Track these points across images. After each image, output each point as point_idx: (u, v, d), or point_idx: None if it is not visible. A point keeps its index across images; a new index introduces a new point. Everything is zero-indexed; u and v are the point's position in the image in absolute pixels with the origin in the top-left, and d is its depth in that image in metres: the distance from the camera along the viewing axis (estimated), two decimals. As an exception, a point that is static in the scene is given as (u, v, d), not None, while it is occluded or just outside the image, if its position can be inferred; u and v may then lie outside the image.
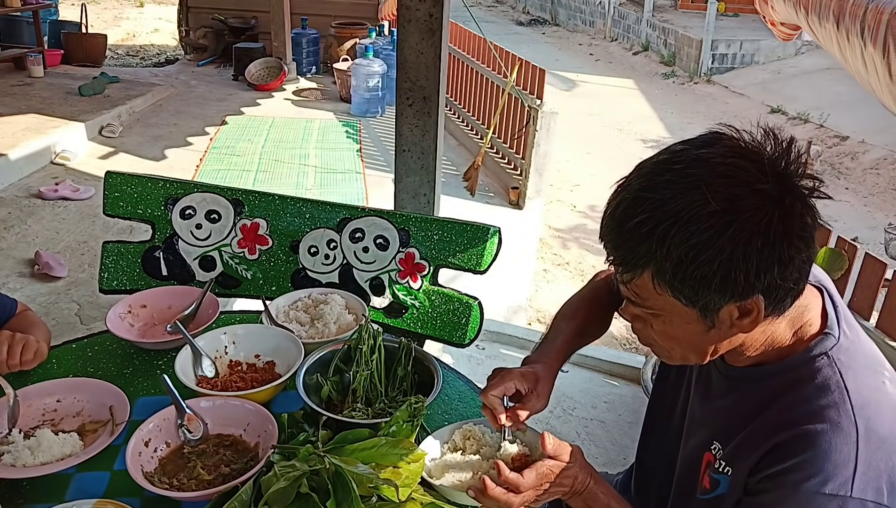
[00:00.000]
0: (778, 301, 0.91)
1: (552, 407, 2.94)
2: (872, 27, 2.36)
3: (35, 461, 1.23)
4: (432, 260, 1.89)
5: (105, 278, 1.94)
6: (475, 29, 6.02)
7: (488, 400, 1.17)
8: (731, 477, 0.99)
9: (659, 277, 0.90)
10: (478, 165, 5.53)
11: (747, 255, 0.85)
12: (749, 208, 0.85)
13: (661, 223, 0.86)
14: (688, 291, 0.90)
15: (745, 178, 0.86)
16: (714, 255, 0.85)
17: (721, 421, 1.05)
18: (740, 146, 0.90)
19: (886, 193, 6.37)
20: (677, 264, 0.87)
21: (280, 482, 1.07)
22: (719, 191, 0.85)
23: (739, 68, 10.52)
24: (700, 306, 0.91)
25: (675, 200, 0.86)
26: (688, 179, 0.87)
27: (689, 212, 0.85)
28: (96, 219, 4.35)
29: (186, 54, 9.12)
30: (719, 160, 0.87)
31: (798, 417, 0.92)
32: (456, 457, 1.25)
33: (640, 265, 0.91)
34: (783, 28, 3.54)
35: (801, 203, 0.87)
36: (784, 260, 0.87)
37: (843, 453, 0.88)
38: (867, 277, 2.56)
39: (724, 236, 0.84)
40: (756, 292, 0.89)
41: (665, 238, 0.86)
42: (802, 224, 0.87)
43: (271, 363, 1.51)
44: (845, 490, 0.87)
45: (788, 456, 0.90)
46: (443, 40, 2.26)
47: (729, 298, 0.89)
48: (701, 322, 0.94)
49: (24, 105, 5.99)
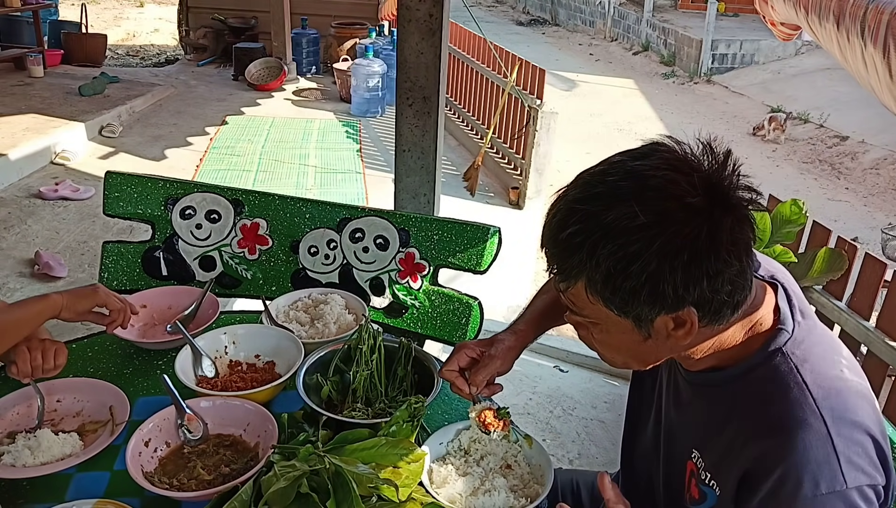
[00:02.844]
0: (713, 313, 0.92)
1: (552, 407, 2.94)
2: (872, 27, 2.36)
3: (35, 461, 1.23)
4: (432, 260, 1.89)
5: (105, 278, 1.94)
6: (475, 29, 6.02)
7: (445, 376, 1.27)
8: (718, 494, 0.99)
9: (591, 288, 0.91)
10: (478, 165, 5.53)
11: (674, 268, 0.86)
12: (676, 222, 0.85)
13: (592, 235, 0.87)
14: (619, 302, 0.90)
15: (675, 191, 0.86)
16: (641, 268, 0.86)
17: (695, 429, 1.05)
18: (675, 158, 0.90)
19: (886, 193, 6.36)
20: (607, 276, 0.88)
21: (280, 482, 1.07)
22: (648, 204, 0.86)
23: (739, 68, 10.52)
24: (633, 316, 0.92)
25: (606, 212, 0.87)
26: (619, 191, 0.88)
27: (618, 225, 0.86)
28: (96, 219, 4.35)
29: (186, 54, 9.12)
30: (652, 173, 0.88)
31: (766, 424, 0.92)
32: (460, 463, 1.25)
33: (573, 276, 0.92)
34: (783, 28, 3.54)
35: (732, 217, 0.88)
36: (712, 274, 0.87)
37: (821, 450, 0.88)
38: (867, 277, 2.55)
39: (650, 250, 0.85)
40: (687, 304, 0.89)
41: (595, 250, 0.87)
42: (733, 238, 0.87)
43: (271, 363, 1.51)
44: (840, 484, 0.87)
45: (772, 468, 0.90)
46: (443, 40, 2.26)
47: (659, 310, 0.90)
48: (637, 332, 0.95)
49: (24, 105, 5.99)
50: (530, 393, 3.02)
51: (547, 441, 2.74)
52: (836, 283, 2.71)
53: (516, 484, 1.23)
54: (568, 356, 3.29)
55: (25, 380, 1.36)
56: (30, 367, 1.36)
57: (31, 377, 1.36)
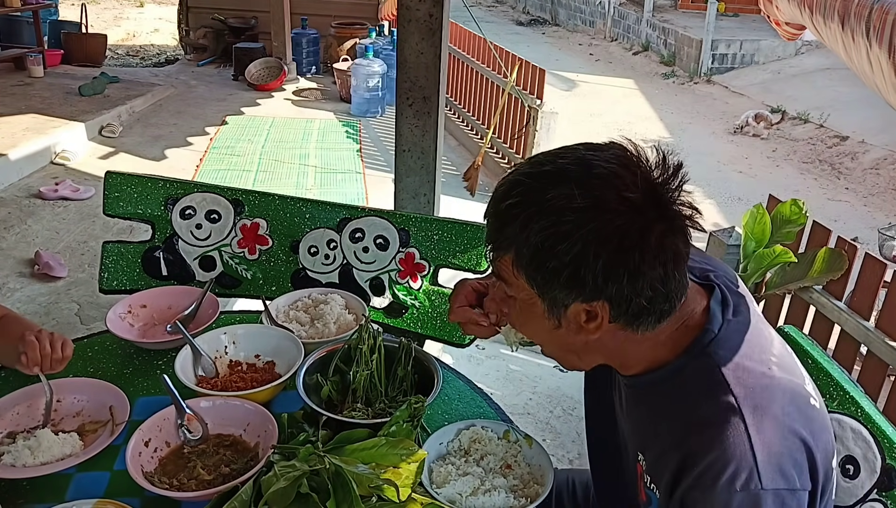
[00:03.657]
0: (631, 316, 0.92)
1: (552, 407, 2.94)
2: (878, 27, 2.36)
3: (35, 461, 1.23)
4: (432, 260, 1.89)
5: (105, 278, 1.94)
6: (475, 29, 6.03)
7: (458, 316, 1.20)
8: (658, 497, 0.99)
9: (518, 261, 0.93)
10: (478, 165, 5.53)
11: (597, 255, 0.87)
12: (610, 212, 0.87)
13: (528, 209, 0.90)
14: (540, 279, 0.92)
15: (617, 183, 0.88)
16: (568, 248, 0.87)
17: (637, 433, 1.05)
18: (626, 157, 0.92)
19: (886, 193, 6.36)
20: (534, 251, 0.90)
21: (280, 482, 1.07)
22: (588, 190, 0.88)
23: (739, 68, 10.51)
24: (549, 299, 0.93)
25: (547, 190, 0.89)
26: (565, 173, 0.90)
27: (555, 203, 0.88)
28: (96, 219, 4.35)
29: (186, 54, 9.12)
30: (599, 163, 0.90)
31: (690, 424, 0.92)
32: (460, 463, 1.25)
33: (503, 247, 0.94)
34: (788, 28, 3.54)
35: (665, 224, 0.89)
36: (634, 271, 0.88)
37: (739, 447, 0.87)
38: (867, 277, 2.55)
39: (579, 232, 0.87)
40: (602, 296, 0.90)
41: (528, 224, 0.89)
42: (662, 243, 0.88)
43: (271, 363, 1.51)
44: (754, 483, 0.86)
45: (693, 466, 0.89)
46: (443, 40, 2.26)
47: (576, 296, 0.91)
48: (548, 319, 0.96)
49: (24, 105, 5.99)
50: (530, 393, 3.02)
51: (547, 441, 2.73)
52: (836, 283, 2.71)
53: (516, 484, 1.23)
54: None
55: (35, 369, 1.35)
56: (39, 355, 1.35)
57: (41, 368, 1.35)
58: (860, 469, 1.18)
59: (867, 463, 1.18)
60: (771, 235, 2.88)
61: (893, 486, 1.15)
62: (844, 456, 1.20)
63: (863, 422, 1.19)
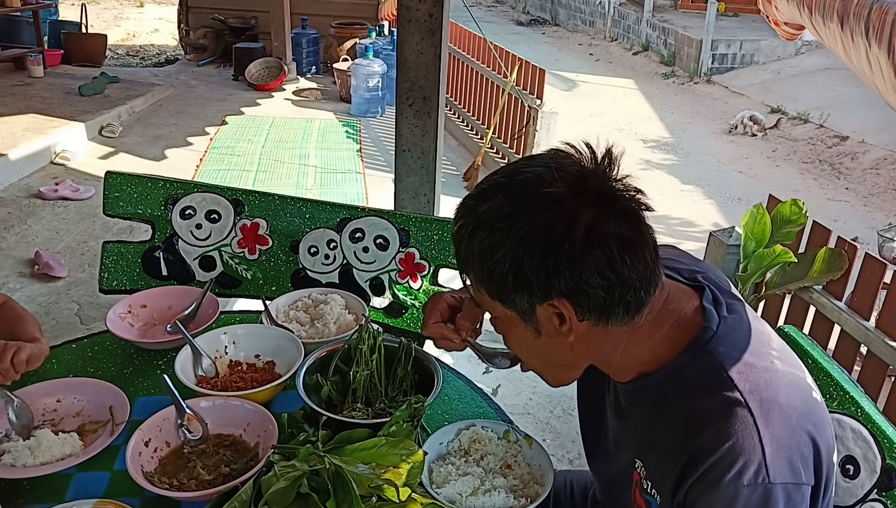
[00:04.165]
0: (595, 310, 0.92)
1: (552, 407, 2.94)
2: (877, 27, 2.36)
3: (35, 461, 1.23)
4: (432, 260, 1.89)
5: (105, 278, 1.94)
6: (475, 29, 6.03)
7: (431, 331, 1.24)
8: (659, 502, 0.98)
9: (476, 279, 0.97)
10: (478, 165, 5.53)
11: (529, 252, 0.89)
12: (534, 210, 0.90)
13: (468, 226, 0.94)
14: (494, 289, 0.95)
15: (539, 183, 0.91)
16: (504, 254, 0.90)
17: (635, 438, 1.05)
18: (553, 158, 0.94)
19: (886, 193, 6.35)
20: (481, 263, 0.93)
21: (280, 482, 1.07)
22: (513, 196, 0.92)
23: (739, 68, 10.50)
24: (513, 306, 0.95)
25: (480, 205, 0.93)
26: (494, 187, 0.94)
27: (488, 215, 0.92)
28: (96, 219, 4.35)
29: (186, 54, 9.12)
30: (526, 169, 0.94)
31: (695, 423, 0.91)
32: (460, 463, 1.25)
33: (463, 267, 0.99)
34: (787, 28, 3.54)
35: (596, 211, 0.89)
36: (571, 262, 0.88)
37: (748, 440, 0.87)
38: (867, 277, 2.55)
39: (510, 236, 0.90)
40: (555, 293, 0.91)
41: (472, 240, 0.93)
42: (591, 229, 0.88)
43: (271, 363, 1.51)
44: (762, 477, 0.86)
45: (702, 461, 0.89)
46: (443, 40, 2.26)
47: (529, 297, 0.93)
48: (525, 328, 0.97)
49: (24, 105, 5.99)
50: (530, 393, 3.02)
51: (547, 441, 2.73)
52: (836, 283, 2.71)
53: (516, 484, 1.23)
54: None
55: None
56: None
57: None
58: (860, 469, 1.18)
59: (867, 463, 1.18)
60: (771, 235, 2.88)
61: (893, 486, 1.15)
62: (844, 456, 1.20)
63: (863, 422, 1.19)
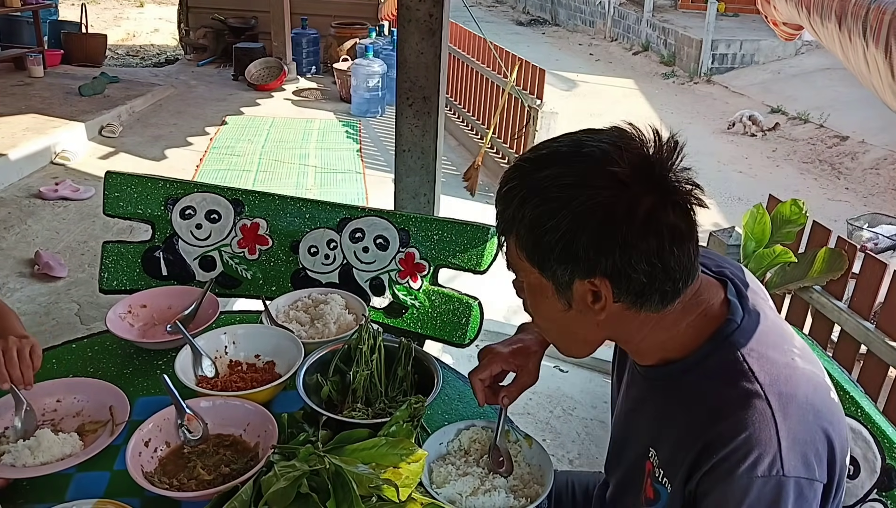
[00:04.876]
0: (633, 294, 0.93)
1: (552, 407, 2.95)
2: (875, 27, 2.36)
3: (35, 461, 1.23)
4: (432, 260, 1.89)
5: (105, 278, 1.94)
6: (475, 29, 6.03)
7: (474, 383, 1.26)
8: (669, 491, 0.98)
9: (518, 243, 0.96)
10: (478, 165, 5.54)
11: (584, 227, 0.89)
12: (596, 187, 0.89)
13: (523, 190, 0.93)
14: (537, 257, 0.94)
15: (605, 160, 0.90)
16: (557, 224, 0.90)
17: (650, 426, 1.05)
18: (620, 136, 0.93)
19: (886, 193, 6.36)
20: (529, 229, 0.93)
21: (280, 482, 1.07)
22: (576, 168, 0.91)
23: (739, 68, 10.51)
24: (551, 277, 0.95)
25: (540, 171, 0.92)
26: (556, 155, 0.94)
27: (546, 182, 0.91)
28: (96, 219, 4.35)
29: (186, 54, 9.12)
30: (591, 144, 0.92)
31: (713, 412, 0.92)
32: (460, 463, 1.25)
33: (506, 230, 0.97)
34: (785, 28, 3.54)
35: (655, 198, 0.89)
36: (623, 243, 0.89)
37: (764, 431, 0.87)
38: (867, 277, 2.55)
39: (567, 207, 0.89)
40: (599, 272, 0.91)
41: (523, 204, 0.93)
42: (653, 216, 0.89)
43: (271, 363, 1.51)
44: (776, 469, 0.86)
45: (717, 450, 0.89)
46: (443, 40, 2.26)
47: (572, 271, 0.92)
48: (558, 299, 0.97)
49: (24, 105, 5.99)
50: (530, 393, 3.02)
51: (547, 441, 2.74)
52: (836, 283, 2.71)
53: (516, 484, 1.23)
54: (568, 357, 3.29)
55: (4, 385, 1.29)
56: (6, 371, 1.29)
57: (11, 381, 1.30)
58: (860, 469, 1.18)
59: (867, 463, 1.18)
60: (771, 235, 2.88)
61: (893, 486, 1.15)
62: (844, 456, 1.20)
63: (863, 422, 1.20)
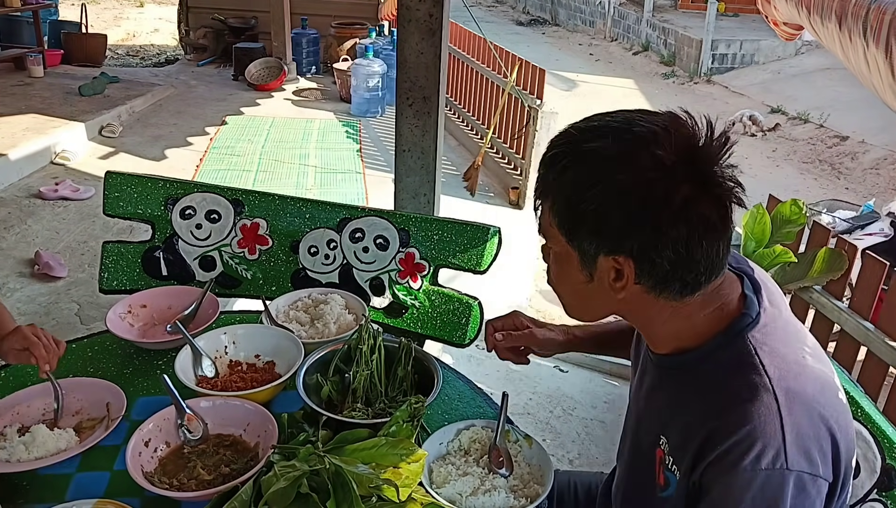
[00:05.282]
0: (654, 278, 0.93)
1: (552, 407, 2.94)
2: (875, 28, 2.36)
3: (29, 455, 1.23)
4: (432, 260, 1.89)
5: (105, 278, 1.94)
6: (475, 29, 6.02)
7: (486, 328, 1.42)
8: (678, 478, 0.99)
9: (553, 208, 0.97)
10: (478, 165, 5.53)
11: (620, 204, 0.90)
12: (639, 167, 0.89)
13: (566, 157, 0.94)
14: (568, 225, 0.95)
15: (653, 142, 0.90)
16: (594, 196, 0.91)
17: (662, 414, 1.05)
18: (672, 121, 0.94)
19: (886, 193, 6.35)
20: (566, 197, 0.94)
21: (280, 482, 1.07)
22: (623, 145, 0.91)
23: (739, 68, 10.51)
24: (578, 247, 0.96)
25: (587, 142, 0.93)
26: (606, 129, 0.94)
27: (590, 154, 0.92)
28: (96, 219, 4.35)
29: (186, 54, 9.12)
30: (643, 124, 0.93)
31: (721, 402, 0.93)
32: (460, 463, 1.25)
33: (544, 193, 0.99)
34: (786, 28, 3.55)
35: (694, 189, 0.89)
36: (657, 228, 0.89)
37: (770, 425, 0.88)
38: (867, 277, 2.55)
39: (606, 182, 0.90)
40: (626, 249, 0.92)
41: (565, 171, 0.94)
42: (685, 205, 0.89)
43: (271, 363, 1.51)
44: (780, 462, 0.87)
45: (721, 441, 0.90)
46: (443, 40, 2.26)
47: (599, 245, 0.93)
48: (581, 271, 0.98)
49: (24, 105, 5.98)
50: (530, 393, 3.02)
51: (547, 441, 2.74)
52: (836, 283, 2.71)
53: (516, 484, 1.23)
54: (568, 357, 3.29)
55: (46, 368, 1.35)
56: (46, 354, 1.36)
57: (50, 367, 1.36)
58: (860, 469, 1.18)
59: (867, 463, 1.18)
60: (771, 235, 2.87)
61: (893, 486, 1.15)
62: (844, 456, 1.20)
63: (863, 422, 1.20)
